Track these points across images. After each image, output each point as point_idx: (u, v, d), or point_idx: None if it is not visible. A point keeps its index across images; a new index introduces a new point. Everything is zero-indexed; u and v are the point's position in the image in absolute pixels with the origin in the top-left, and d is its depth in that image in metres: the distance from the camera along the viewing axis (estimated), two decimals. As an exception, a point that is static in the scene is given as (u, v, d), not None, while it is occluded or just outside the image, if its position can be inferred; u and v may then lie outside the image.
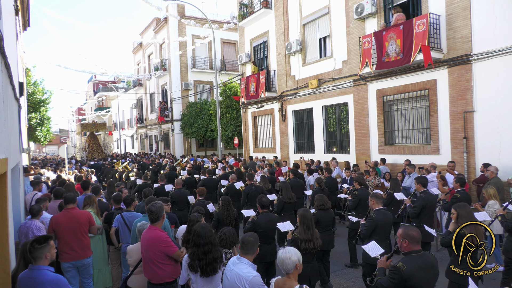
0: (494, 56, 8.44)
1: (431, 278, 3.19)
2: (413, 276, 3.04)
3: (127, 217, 5.44)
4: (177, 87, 25.91)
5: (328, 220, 5.56)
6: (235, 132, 20.05)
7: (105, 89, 46.34)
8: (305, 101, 14.46)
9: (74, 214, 4.98)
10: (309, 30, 14.32)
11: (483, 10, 8.63)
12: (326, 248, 5.57)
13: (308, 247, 4.26)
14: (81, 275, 5.06)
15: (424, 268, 3.14)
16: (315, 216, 5.33)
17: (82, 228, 4.94)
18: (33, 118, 22.05)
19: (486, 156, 8.65)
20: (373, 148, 11.70)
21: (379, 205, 5.05)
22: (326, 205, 5.53)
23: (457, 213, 4.16)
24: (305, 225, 4.37)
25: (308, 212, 4.49)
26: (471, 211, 4.24)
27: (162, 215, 4.03)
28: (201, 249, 3.50)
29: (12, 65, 5.31)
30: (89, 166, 19.33)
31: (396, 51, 9.93)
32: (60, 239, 4.86)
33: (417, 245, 3.24)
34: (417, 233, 3.25)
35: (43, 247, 3.20)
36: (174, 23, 25.45)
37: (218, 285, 3.60)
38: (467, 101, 9.03)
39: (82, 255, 4.94)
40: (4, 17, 4.62)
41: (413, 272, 3.06)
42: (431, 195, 6.09)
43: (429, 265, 3.19)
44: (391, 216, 5.12)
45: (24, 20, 11.36)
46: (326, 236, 5.46)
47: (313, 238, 4.33)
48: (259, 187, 8.03)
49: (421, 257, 3.21)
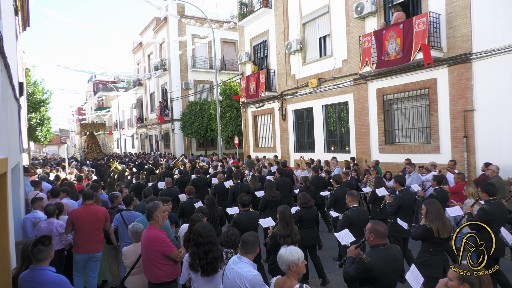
0: (494, 55, 8.44)
1: (394, 270, 3.41)
2: (376, 268, 3.28)
3: (127, 216, 5.49)
4: (177, 87, 25.91)
5: (311, 217, 5.77)
6: (235, 132, 20.05)
7: (105, 89, 46.37)
8: (305, 101, 14.45)
9: (94, 210, 5.30)
10: (309, 29, 14.31)
11: (483, 8, 8.62)
12: (308, 244, 5.73)
13: (286, 242, 4.42)
14: (88, 267, 5.31)
15: (387, 261, 3.34)
16: (298, 214, 5.68)
17: (99, 223, 5.27)
18: (33, 118, 22.06)
19: (486, 155, 8.64)
20: (373, 147, 11.70)
21: (354, 203, 5.30)
22: (309, 203, 5.74)
23: (427, 209, 4.44)
24: (284, 222, 4.60)
25: (287, 209, 4.71)
26: (440, 207, 4.48)
27: (155, 215, 3.96)
28: (201, 249, 3.50)
29: (11, 65, 5.30)
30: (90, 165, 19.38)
31: (396, 50, 9.93)
32: (78, 232, 5.16)
33: (383, 239, 3.45)
34: (384, 228, 3.46)
35: (48, 248, 3.21)
36: (174, 23, 25.44)
37: (218, 284, 3.59)
38: (467, 100, 9.03)
39: (95, 248, 5.25)
40: (4, 17, 4.62)
41: (376, 264, 3.28)
42: (409, 194, 6.21)
43: (392, 257, 3.40)
44: (366, 213, 5.42)
45: (23, 20, 11.36)
46: (308, 233, 5.68)
47: (291, 234, 4.54)
48: (245, 185, 8.24)
49: (385, 250, 3.42)
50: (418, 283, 3.59)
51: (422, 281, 3.39)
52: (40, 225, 5.20)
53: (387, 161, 11.05)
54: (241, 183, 8.40)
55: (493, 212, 4.81)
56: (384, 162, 11.06)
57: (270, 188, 7.14)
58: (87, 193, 5.44)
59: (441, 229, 4.20)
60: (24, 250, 3.59)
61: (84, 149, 30.86)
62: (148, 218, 4.01)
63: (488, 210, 4.84)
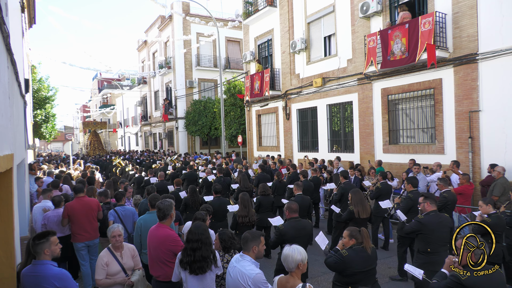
0: (500, 55, 8.36)
1: (302, 236, 4.51)
2: (287, 233, 4.45)
3: (120, 211, 5.80)
4: (181, 85, 25.94)
5: (268, 203, 6.95)
6: (239, 130, 20.06)
7: (110, 87, 46.52)
8: (310, 100, 14.42)
9: (86, 201, 5.76)
10: (314, 29, 14.26)
11: (490, 8, 8.54)
12: (266, 225, 6.75)
13: (244, 221, 5.72)
14: (90, 254, 5.79)
15: (297, 229, 4.49)
16: (258, 200, 6.95)
17: (93, 213, 5.72)
18: (39, 115, 22.19)
19: (491, 156, 8.58)
20: (377, 148, 11.65)
21: (299, 191, 6.53)
22: (267, 191, 6.97)
23: (351, 197, 5.82)
24: (243, 204, 5.79)
25: (246, 195, 5.98)
26: (362, 195, 5.85)
27: (170, 214, 4.03)
28: (189, 245, 3.44)
29: (18, 62, 5.34)
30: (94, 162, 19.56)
31: (401, 50, 9.87)
32: (75, 222, 5.58)
33: (295, 213, 4.61)
34: (296, 205, 4.65)
35: (41, 243, 3.24)
36: (179, 21, 25.46)
37: (210, 286, 3.51)
38: (472, 100, 8.96)
39: (93, 236, 5.74)
40: (10, 14, 4.65)
41: (288, 231, 4.47)
42: (350, 185, 7.45)
43: (302, 227, 4.55)
44: (308, 200, 6.66)
45: (30, 17, 11.43)
46: (265, 216, 6.65)
47: (248, 215, 5.74)
48: (227, 178, 9.96)
49: (297, 222, 4.57)
50: (277, 222, 5.23)
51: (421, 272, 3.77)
52: (48, 214, 5.79)
53: (391, 162, 11.00)
54: (223, 176, 9.82)
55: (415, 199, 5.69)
56: (388, 163, 11.01)
57: (243, 180, 8.49)
58: (78, 187, 5.90)
59: (361, 211, 5.62)
60: (29, 245, 3.63)
61: (86, 146, 31.23)
62: (162, 217, 4.01)
63: (413, 197, 5.94)
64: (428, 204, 4.59)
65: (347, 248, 3.63)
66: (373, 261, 3.67)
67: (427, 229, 4.42)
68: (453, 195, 6.52)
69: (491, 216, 4.87)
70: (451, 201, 6.25)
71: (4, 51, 3.65)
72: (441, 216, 4.62)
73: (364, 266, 3.55)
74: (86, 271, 5.70)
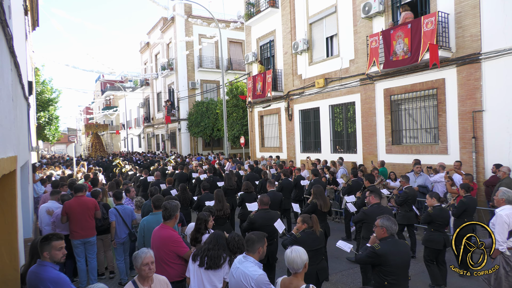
0: (503, 55, 8.33)
1: (270, 224, 5.08)
2: (257, 222, 5.17)
3: (121, 210, 6.07)
4: (183, 87, 26.00)
5: (251, 199, 7.26)
6: (242, 132, 20.06)
7: (113, 89, 46.68)
8: (312, 101, 14.41)
9: (84, 200, 5.95)
10: (316, 29, 14.26)
11: (492, 8, 8.51)
12: (245, 219, 7.01)
13: (219, 214, 6.00)
14: (87, 251, 5.97)
15: (265, 219, 5.19)
16: (241, 196, 7.42)
17: (90, 212, 5.91)
18: (42, 117, 22.31)
19: (495, 156, 8.54)
20: (380, 148, 11.62)
21: (273, 187, 7.22)
22: (250, 189, 7.44)
23: (313, 191, 6.10)
24: (217, 199, 6.13)
25: (220, 191, 6.25)
26: (322, 190, 6.18)
27: (175, 215, 4.06)
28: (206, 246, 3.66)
29: (21, 64, 5.37)
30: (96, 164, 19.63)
31: (404, 50, 9.85)
32: (72, 220, 5.79)
33: (265, 205, 5.34)
34: (267, 198, 5.37)
35: (42, 245, 3.30)
36: (181, 23, 25.53)
37: (218, 282, 3.56)
38: (476, 100, 8.92)
39: (89, 234, 5.92)
40: (14, 17, 4.68)
41: (257, 220, 5.19)
42: (321, 182, 8.28)
43: (270, 217, 5.22)
44: (280, 195, 7.21)
45: (33, 20, 11.49)
46: (246, 211, 6.99)
47: (223, 208, 6.06)
48: (216, 178, 10.43)
49: (266, 212, 5.30)
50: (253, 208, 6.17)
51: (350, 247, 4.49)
52: (57, 212, 6.07)
53: (394, 162, 10.97)
54: (213, 176, 10.56)
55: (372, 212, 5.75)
56: (391, 163, 10.98)
57: (228, 179, 8.76)
58: (78, 187, 6.11)
59: (323, 205, 5.97)
60: (33, 246, 3.64)
61: (88, 148, 31.42)
62: (166, 217, 4.05)
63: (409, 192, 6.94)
64: (373, 198, 5.34)
65: (300, 232, 4.33)
66: (321, 242, 4.38)
67: (370, 218, 5.10)
68: (414, 190, 7.33)
69: (434, 208, 5.64)
70: (412, 196, 7.10)
71: (8, 54, 3.67)
72: (384, 209, 5.28)
73: (313, 245, 4.23)
74: (81, 267, 5.91)
